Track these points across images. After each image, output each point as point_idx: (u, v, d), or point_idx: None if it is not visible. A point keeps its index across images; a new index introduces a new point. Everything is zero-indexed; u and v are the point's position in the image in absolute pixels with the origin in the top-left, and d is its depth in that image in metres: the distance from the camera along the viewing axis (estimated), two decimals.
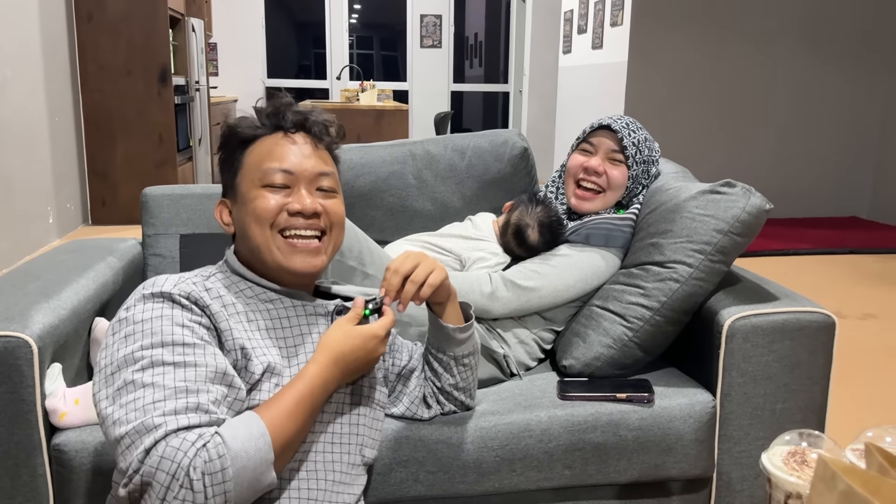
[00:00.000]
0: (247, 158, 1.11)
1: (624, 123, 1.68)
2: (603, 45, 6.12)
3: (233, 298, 1.07)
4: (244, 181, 1.10)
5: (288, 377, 1.05)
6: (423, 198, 1.93)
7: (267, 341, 1.06)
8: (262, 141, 1.11)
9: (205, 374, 0.93)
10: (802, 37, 5.72)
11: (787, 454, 0.94)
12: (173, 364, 0.93)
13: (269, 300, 1.10)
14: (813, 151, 5.95)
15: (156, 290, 1.00)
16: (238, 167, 1.12)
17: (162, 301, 0.98)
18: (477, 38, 10.95)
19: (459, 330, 1.23)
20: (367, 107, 6.05)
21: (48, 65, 4.70)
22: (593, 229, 1.66)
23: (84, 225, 5.35)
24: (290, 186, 1.09)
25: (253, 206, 1.07)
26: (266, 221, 1.07)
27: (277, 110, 1.13)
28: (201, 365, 0.94)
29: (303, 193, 1.09)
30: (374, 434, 1.17)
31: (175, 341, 0.94)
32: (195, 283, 1.04)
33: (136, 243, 1.91)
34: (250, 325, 1.06)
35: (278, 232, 1.08)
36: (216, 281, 1.09)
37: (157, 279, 1.03)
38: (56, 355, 1.34)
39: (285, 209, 1.08)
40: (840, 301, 3.83)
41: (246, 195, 1.09)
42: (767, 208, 1.48)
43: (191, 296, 1.00)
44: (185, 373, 0.92)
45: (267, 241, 1.07)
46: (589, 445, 1.41)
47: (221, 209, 1.15)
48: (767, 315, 1.45)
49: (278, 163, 1.08)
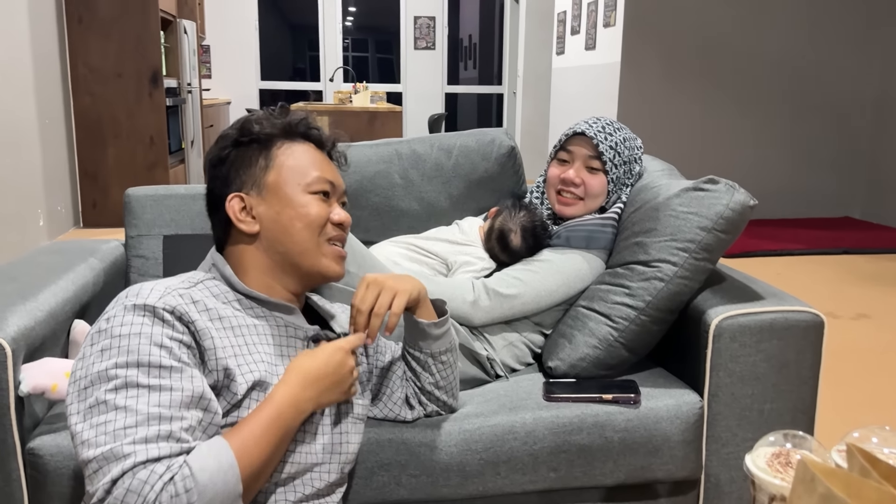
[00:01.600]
0: (281, 157, 1.11)
1: (599, 128, 1.67)
2: (596, 45, 6.12)
3: (222, 310, 1.04)
4: (284, 182, 1.10)
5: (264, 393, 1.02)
6: (410, 197, 1.91)
7: (255, 355, 1.03)
8: (294, 146, 1.13)
9: (180, 398, 0.90)
10: (796, 34, 5.72)
11: (772, 456, 0.92)
12: (148, 387, 0.89)
13: (256, 316, 1.08)
14: (806, 151, 5.94)
15: (139, 301, 0.96)
16: (268, 163, 1.11)
17: (143, 315, 0.94)
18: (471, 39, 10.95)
19: (434, 325, 1.24)
20: (360, 108, 6.04)
21: (38, 67, 4.68)
22: (573, 231, 1.64)
23: (75, 227, 5.32)
24: (329, 197, 1.13)
25: (306, 211, 1.09)
26: (318, 228, 1.10)
27: (305, 124, 1.16)
28: (177, 389, 0.90)
29: (338, 206, 1.15)
30: (355, 448, 1.15)
31: (151, 362, 0.91)
32: (181, 293, 1.00)
33: (119, 244, 1.88)
34: (237, 340, 1.03)
35: (326, 239, 1.11)
36: (204, 289, 1.06)
37: (142, 288, 0.99)
38: (31, 357, 1.31)
39: (329, 219, 1.12)
40: (833, 301, 3.82)
41: (293, 198, 1.09)
42: (752, 204, 1.46)
43: (175, 311, 0.96)
44: (159, 397, 0.89)
45: (315, 248, 1.10)
46: (574, 447, 1.39)
47: (235, 205, 1.10)
48: (755, 314, 1.43)
49: (324, 173, 1.12)
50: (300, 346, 1.10)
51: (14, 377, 1.24)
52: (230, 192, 1.11)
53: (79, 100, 5.21)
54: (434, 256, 1.71)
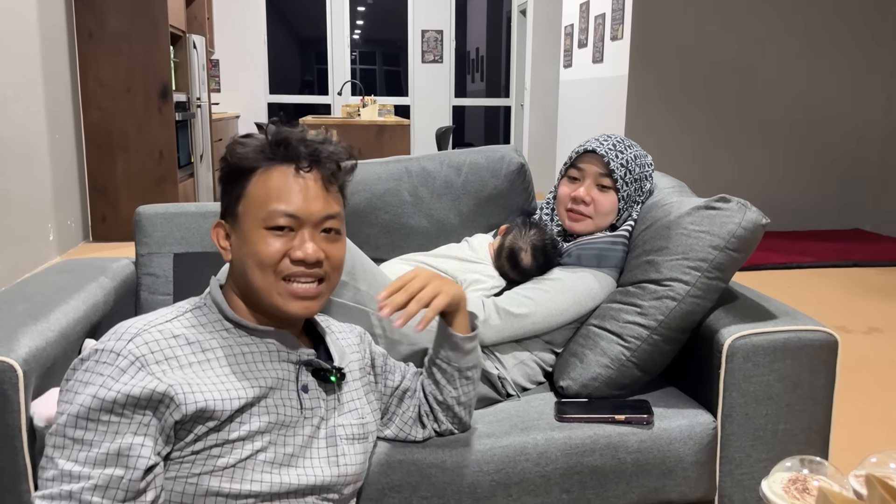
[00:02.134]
0: (251, 188, 1.06)
1: (610, 145, 1.66)
2: (603, 58, 6.12)
3: (207, 341, 1.04)
4: (246, 215, 1.06)
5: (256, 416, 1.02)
6: (419, 215, 1.91)
7: (244, 381, 1.03)
8: (270, 172, 1.06)
9: (95, 455, 0.93)
10: (804, 48, 5.71)
11: (788, 481, 0.91)
12: (71, 440, 0.94)
13: (246, 343, 1.07)
14: (815, 164, 5.92)
15: (108, 345, 0.97)
16: (241, 194, 1.07)
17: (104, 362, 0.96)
18: (478, 52, 10.98)
19: (468, 339, 1.25)
20: (368, 122, 6.06)
21: (48, 83, 4.71)
22: (584, 250, 1.64)
23: (85, 241, 5.34)
24: (294, 230, 1.05)
25: (255, 249, 1.04)
26: (269, 268, 1.04)
27: (288, 142, 1.07)
28: (95, 445, 0.93)
29: (306, 238, 1.05)
30: (357, 469, 1.14)
31: (90, 416, 0.93)
32: (161, 329, 1.01)
33: (130, 263, 1.89)
34: (223, 370, 1.02)
35: (281, 278, 1.05)
36: (192, 318, 1.06)
37: (126, 328, 1.00)
38: (43, 378, 1.31)
39: (288, 255, 1.05)
40: (844, 315, 3.79)
41: (248, 234, 1.05)
42: (764, 223, 1.45)
43: (140, 359, 0.96)
44: (78, 452, 0.93)
45: (268, 286, 1.05)
46: (587, 469, 1.38)
47: (219, 231, 1.10)
48: (768, 334, 1.42)
49: (284, 205, 1.04)
50: (292, 369, 1.09)
51: (26, 398, 1.24)
52: (221, 216, 1.11)
53: (89, 114, 5.25)
54: (444, 274, 1.70)
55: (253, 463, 1.01)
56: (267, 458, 1.02)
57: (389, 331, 1.42)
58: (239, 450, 1.00)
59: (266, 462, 1.02)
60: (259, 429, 1.01)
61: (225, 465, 0.99)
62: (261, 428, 1.02)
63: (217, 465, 0.99)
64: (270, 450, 1.02)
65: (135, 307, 1.84)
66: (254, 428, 1.01)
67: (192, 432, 0.98)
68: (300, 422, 1.07)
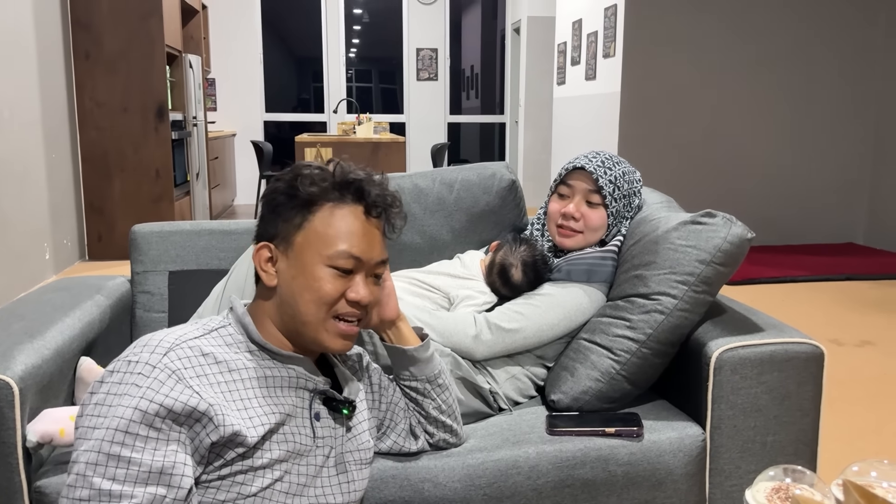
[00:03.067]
0: (317, 221, 1.06)
1: (599, 162, 1.69)
2: (596, 76, 6.18)
3: (234, 361, 1.03)
4: (308, 247, 1.06)
5: (276, 444, 1.02)
6: (412, 231, 1.93)
7: (266, 407, 1.03)
8: (338, 209, 1.07)
9: (136, 473, 0.89)
10: (794, 63, 5.78)
11: (772, 490, 0.93)
12: (112, 457, 0.89)
13: (268, 367, 1.06)
14: (807, 178, 5.97)
15: (143, 356, 0.95)
16: (302, 223, 1.07)
17: (139, 374, 0.93)
18: (473, 70, 11.06)
19: (422, 348, 1.27)
20: (363, 139, 6.10)
21: (45, 102, 4.75)
22: (574, 265, 1.66)
23: (81, 261, 5.35)
24: (353, 272, 1.08)
25: (318, 285, 1.05)
26: (326, 305, 1.06)
27: (361, 185, 1.09)
28: (135, 463, 0.89)
29: (361, 283, 1.08)
30: (361, 495, 1.16)
31: (129, 430, 0.90)
32: (191, 346, 0.99)
33: (125, 281, 1.90)
34: (247, 393, 1.02)
35: (332, 316, 1.07)
36: (218, 338, 1.05)
37: (151, 339, 0.97)
38: (39, 396, 1.33)
39: (344, 296, 1.07)
40: (837, 328, 3.81)
41: (309, 267, 1.05)
42: (749, 237, 1.48)
43: (176, 372, 0.94)
44: (115, 470, 0.89)
45: (318, 322, 1.06)
46: (578, 482, 1.39)
47: (263, 254, 1.09)
48: (755, 346, 1.44)
49: (350, 247, 1.06)
50: (307, 396, 1.09)
51: (22, 416, 1.25)
52: (265, 238, 1.10)
53: (85, 134, 5.28)
54: (436, 290, 1.72)
55: (271, 493, 1.01)
56: (283, 487, 1.02)
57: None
58: (261, 478, 1.00)
59: (282, 492, 1.02)
60: (279, 457, 1.02)
61: (248, 494, 0.99)
62: (280, 457, 1.02)
63: (241, 492, 0.98)
64: (286, 479, 1.03)
65: (130, 325, 1.86)
66: (275, 456, 1.01)
67: (223, 457, 0.97)
68: (312, 450, 1.08)
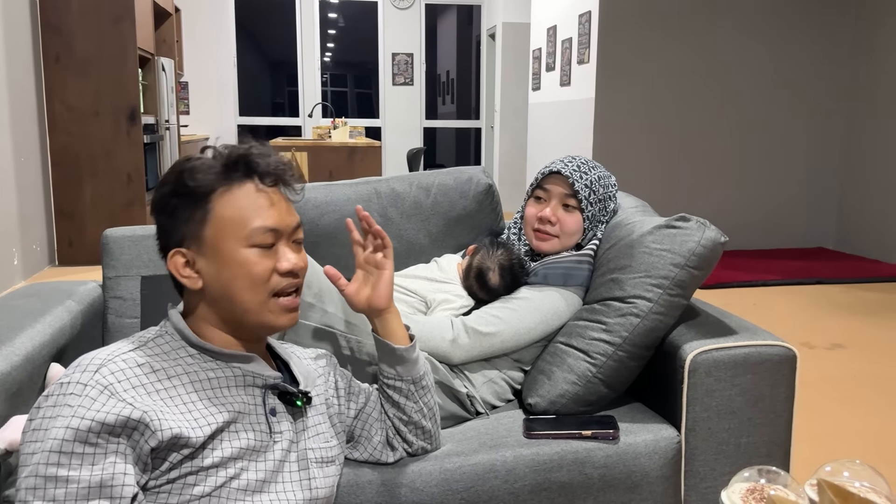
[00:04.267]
0: (216, 208, 1.04)
1: (575, 167, 1.70)
2: (571, 82, 6.23)
3: (172, 368, 1.02)
4: (221, 236, 1.04)
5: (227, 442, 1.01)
6: (389, 235, 1.92)
7: (212, 408, 1.02)
8: (232, 191, 1.05)
9: (75, 491, 0.89)
10: (763, 71, 5.87)
11: (746, 491, 0.94)
12: (45, 479, 0.89)
13: (212, 368, 1.05)
14: (778, 183, 6.06)
15: (74, 377, 0.95)
16: (205, 216, 1.04)
17: (71, 394, 0.93)
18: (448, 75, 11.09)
19: (412, 348, 1.27)
20: (339, 144, 6.08)
21: (14, 106, 4.67)
22: (550, 269, 1.67)
23: (50, 266, 5.26)
24: (274, 244, 1.06)
25: (246, 270, 1.03)
26: (262, 286, 1.04)
27: (248, 159, 1.06)
28: (73, 481, 0.89)
29: (287, 250, 1.07)
30: (326, 493, 1.14)
31: (63, 449, 0.90)
32: (125, 358, 0.99)
33: (97, 286, 1.88)
34: (190, 397, 1.01)
35: (272, 295, 1.06)
36: (155, 347, 1.04)
37: (90, 360, 0.97)
38: (8, 403, 1.30)
39: (276, 270, 1.06)
40: (808, 331, 3.87)
41: (231, 256, 1.03)
42: (722, 241, 1.50)
43: (108, 388, 0.94)
44: (55, 491, 0.89)
45: (259, 305, 1.05)
46: (555, 485, 1.40)
47: (177, 260, 1.06)
48: (729, 349, 1.46)
49: (263, 220, 1.05)
50: (258, 393, 1.08)
51: None
52: (172, 245, 1.07)
53: (55, 138, 5.20)
54: (413, 294, 1.72)
55: (227, 491, 1.00)
56: (240, 485, 1.01)
57: (358, 351, 1.43)
58: (213, 477, 0.99)
59: (240, 490, 1.01)
60: (231, 455, 1.01)
61: (201, 494, 0.98)
62: (233, 454, 1.01)
63: (193, 493, 0.97)
64: (243, 476, 1.02)
65: (102, 330, 1.83)
66: (226, 454, 1.00)
67: (167, 460, 0.96)
68: (270, 446, 1.07)
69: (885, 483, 0.93)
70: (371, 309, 1.28)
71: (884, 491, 0.91)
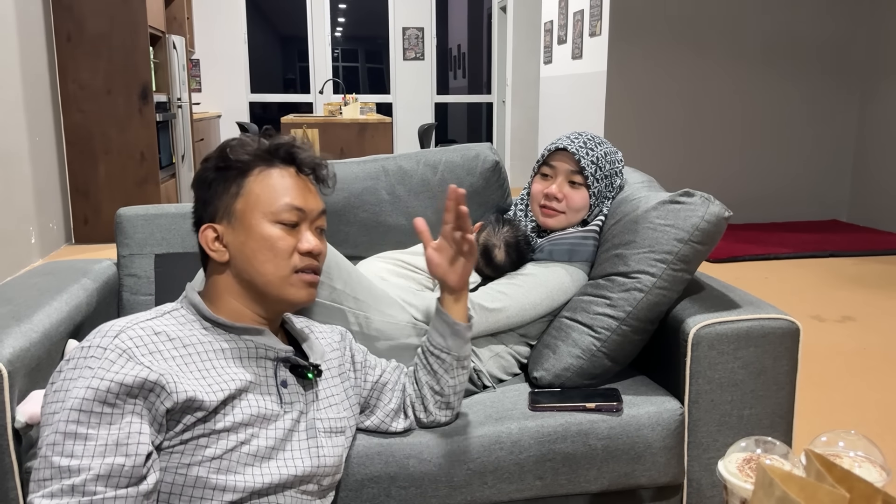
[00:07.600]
0: (251, 183, 1.12)
1: (581, 143, 1.71)
2: (583, 55, 6.18)
3: (187, 337, 1.07)
4: (250, 210, 1.11)
5: (239, 408, 1.06)
6: (397, 213, 1.95)
7: (224, 375, 1.07)
8: (270, 171, 1.14)
9: (94, 447, 0.94)
10: (778, 44, 5.80)
11: (743, 461, 0.96)
12: (64, 435, 0.94)
13: (225, 340, 1.11)
14: (791, 156, 6.01)
15: (94, 341, 1.00)
16: (239, 190, 1.12)
17: (92, 357, 0.98)
18: (460, 49, 11.02)
19: (468, 328, 1.32)
20: (350, 120, 6.08)
21: (27, 86, 4.71)
22: (556, 245, 1.69)
23: (67, 244, 5.34)
24: (298, 225, 1.14)
25: (270, 243, 1.11)
26: (284, 260, 1.12)
27: (289, 148, 1.16)
28: (92, 438, 0.94)
29: (308, 233, 1.15)
30: (335, 462, 1.18)
31: (75, 406, 0.94)
32: (143, 326, 1.04)
33: (111, 264, 1.92)
34: (204, 364, 1.06)
35: (294, 271, 1.12)
36: (171, 319, 1.09)
37: (109, 327, 1.02)
38: (28, 378, 1.34)
39: (296, 249, 1.13)
40: (819, 305, 3.87)
41: (257, 229, 1.11)
42: (726, 216, 1.51)
43: (127, 351, 0.99)
44: (73, 446, 0.94)
45: (284, 279, 1.12)
46: (559, 455, 1.43)
47: (208, 234, 1.13)
48: (732, 322, 1.47)
49: (291, 199, 1.12)
50: (269, 366, 1.13)
51: (11, 398, 1.27)
52: (206, 219, 1.14)
53: (69, 117, 5.24)
54: (420, 271, 1.75)
55: (238, 455, 1.05)
56: (250, 450, 1.06)
57: (366, 327, 1.46)
58: (224, 440, 1.04)
59: (249, 455, 1.06)
60: (243, 420, 1.05)
61: (212, 456, 1.02)
62: (244, 420, 1.06)
63: (205, 454, 1.02)
64: (253, 442, 1.06)
65: (117, 308, 1.87)
66: (238, 420, 1.05)
67: (181, 422, 1.01)
68: (280, 415, 1.11)
69: (879, 452, 0.95)
70: (444, 285, 1.32)
71: (878, 460, 0.93)
